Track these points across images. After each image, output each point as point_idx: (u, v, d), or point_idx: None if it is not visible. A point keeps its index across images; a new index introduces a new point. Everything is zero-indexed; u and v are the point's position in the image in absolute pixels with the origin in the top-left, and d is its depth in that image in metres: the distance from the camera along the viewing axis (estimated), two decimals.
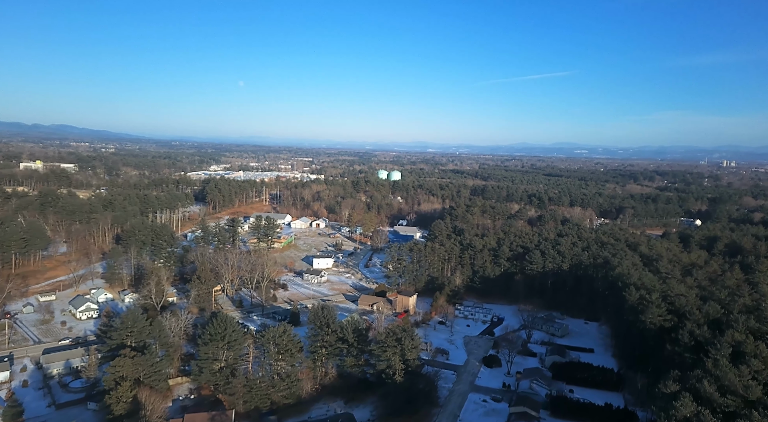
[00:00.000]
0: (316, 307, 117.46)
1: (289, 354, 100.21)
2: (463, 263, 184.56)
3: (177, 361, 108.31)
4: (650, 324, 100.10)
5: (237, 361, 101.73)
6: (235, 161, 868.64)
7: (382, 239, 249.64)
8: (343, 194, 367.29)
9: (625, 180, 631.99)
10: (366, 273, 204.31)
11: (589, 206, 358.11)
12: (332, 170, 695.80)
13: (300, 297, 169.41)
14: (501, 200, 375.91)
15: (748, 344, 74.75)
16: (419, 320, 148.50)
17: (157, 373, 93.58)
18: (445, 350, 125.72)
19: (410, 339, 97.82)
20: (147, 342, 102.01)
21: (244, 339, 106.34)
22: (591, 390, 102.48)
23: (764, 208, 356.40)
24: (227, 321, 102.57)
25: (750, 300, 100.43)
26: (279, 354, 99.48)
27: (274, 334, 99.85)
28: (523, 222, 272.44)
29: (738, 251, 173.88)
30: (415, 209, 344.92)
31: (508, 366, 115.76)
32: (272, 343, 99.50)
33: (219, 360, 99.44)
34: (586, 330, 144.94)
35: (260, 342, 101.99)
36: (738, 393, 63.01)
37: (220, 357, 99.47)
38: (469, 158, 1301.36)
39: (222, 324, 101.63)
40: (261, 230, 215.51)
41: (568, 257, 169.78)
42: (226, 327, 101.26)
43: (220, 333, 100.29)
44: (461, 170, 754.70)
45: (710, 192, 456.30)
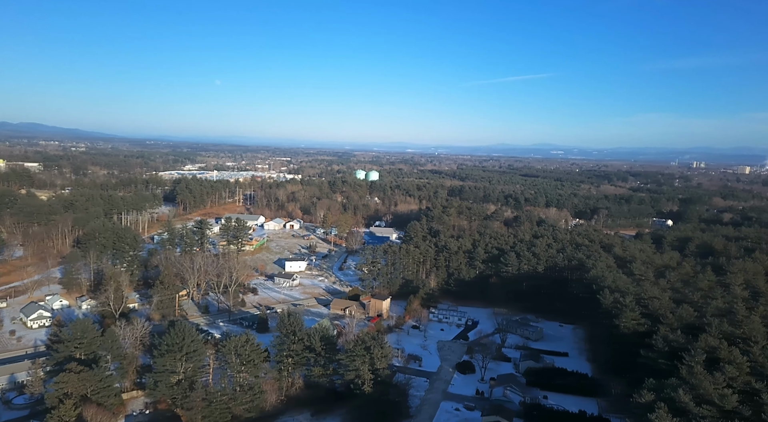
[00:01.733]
0: (283, 314, 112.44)
1: (253, 365, 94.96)
2: (438, 266, 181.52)
3: (132, 374, 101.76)
4: (624, 329, 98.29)
5: (196, 373, 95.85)
6: (211, 160, 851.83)
7: (358, 240, 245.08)
8: (319, 195, 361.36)
9: (599, 181, 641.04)
10: (340, 276, 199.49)
11: (564, 207, 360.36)
12: (310, 170, 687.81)
13: (270, 302, 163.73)
14: (478, 200, 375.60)
15: (723, 349, 72.94)
16: (392, 324, 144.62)
17: (106, 388, 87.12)
18: (418, 356, 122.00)
19: (380, 348, 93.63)
20: (98, 354, 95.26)
21: (205, 349, 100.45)
22: (565, 396, 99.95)
23: (733, 209, 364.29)
24: (186, 330, 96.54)
25: (722, 303, 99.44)
26: (242, 365, 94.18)
27: (236, 344, 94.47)
28: (499, 223, 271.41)
29: (709, 252, 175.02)
30: (392, 210, 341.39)
31: (482, 371, 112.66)
32: (234, 353, 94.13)
33: (176, 372, 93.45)
34: (561, 333, 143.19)
35: (222, 352, 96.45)
36: (714, 403, 60.83)
37: (177, 369, 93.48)
38: (447, 158, 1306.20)
39: (180, 333, 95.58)
40: (231, 232, 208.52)
41: (543, 259, 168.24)
42: (184, 337, 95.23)
43: (178, 344, 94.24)
44: (440, 171, 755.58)
45: (681, 193, 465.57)
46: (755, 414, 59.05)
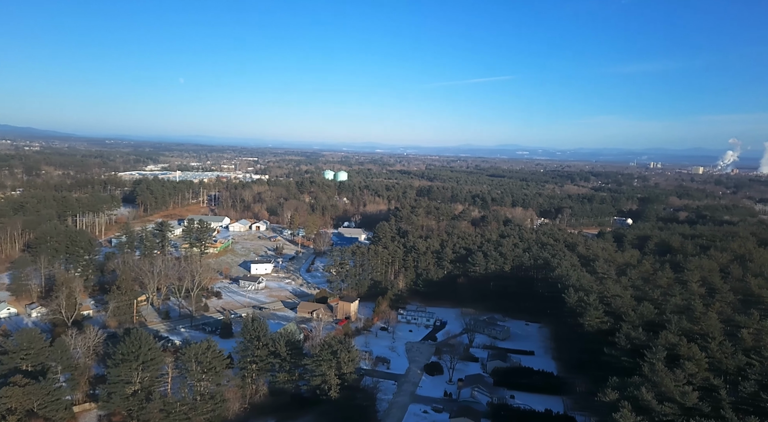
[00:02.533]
0: (247, 318, 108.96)
1: (214, 372, 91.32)
2: (406, 266, 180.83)
3: (84, 385, 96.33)
4: (588, 327, 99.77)
5: (154, 383, 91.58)
6: (175, 160, 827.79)
7: (326, 241, 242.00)
8: (286, 196, 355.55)
9: (563, 181, 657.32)
10: (307, 278, 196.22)
11: (530, 207, 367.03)
12: (277, 170, 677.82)
13: (234, 306, 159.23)
14: (446, 200, 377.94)
15: (682, 346, 74.62)
16: (361, 326, 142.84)
17: (55, 402, 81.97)
18: (386, 358, 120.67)
19: (347, 352, 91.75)
20: (47, 365, 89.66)
21: (164, 357, 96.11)
22: (532, 395, 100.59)
23: (688, 207, 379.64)
24: (142, 337, 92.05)
25: (681, 300, 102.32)
26: (202, 373, 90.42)
27: (197, 351, 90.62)
28: (466, 223, 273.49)
29: (667, 249, 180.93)
30: (361, 210, 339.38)
31: (450, 372, 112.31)
32: (194, 361, 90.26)
33: (132, 382, 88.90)
34: (528, 331, 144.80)
35: (181, 360, 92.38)
36: (675, 400, 61.90)
37: (133, 379, 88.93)
38: (416, 158, 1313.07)
39: (136, 341, 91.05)
40: (194, 234, 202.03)
41: (509, 259, 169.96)
42: (140, 345, 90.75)
43: (134, 352, 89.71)
44: (408, 171, 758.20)
45: (640, 192, 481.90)
46: (714, 410, 60.46)
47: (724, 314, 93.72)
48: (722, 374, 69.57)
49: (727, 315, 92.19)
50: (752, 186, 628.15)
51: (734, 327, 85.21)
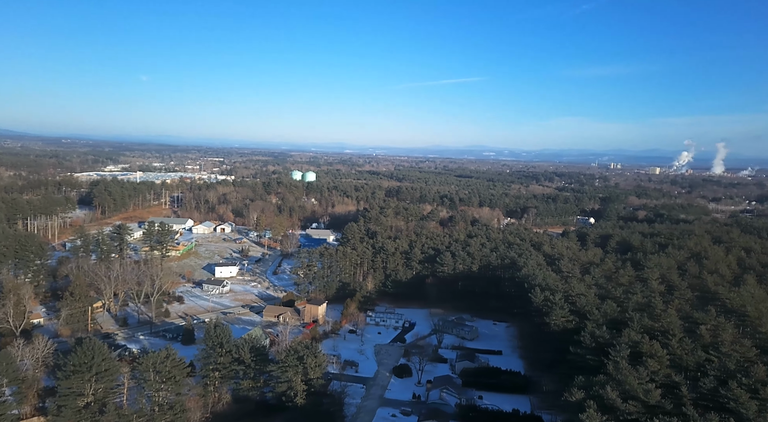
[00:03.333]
0: (209, 324, 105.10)
1: (174, 381, 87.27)
2: (375, 267, 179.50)
3: (33, 398, 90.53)
4: (554, 326, 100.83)
5: (108, 394, 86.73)
6: (136, 160, 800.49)
7: (293, 243, 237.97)
8: (252, 197, 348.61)
9: (528, 181, 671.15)
10: (274, 281, 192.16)
11: (496, 206, 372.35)
12: (244, 171, 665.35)
13: (197, 311, 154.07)
14: (415, 201, 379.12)
15: (644, 344, 76.02)
16: (329, 330, 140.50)
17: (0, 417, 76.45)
18: (354, 361, 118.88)
19: (313, 357, 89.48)
20: None
21: (119, 367, 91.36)
22: (500, 395, 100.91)
23: (647, 206, 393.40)
24: (96, 347, 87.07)
25: (642, 297, 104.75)
26: (161, 383, 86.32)
27: (155, 360, 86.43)
28: (435, 223, 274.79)
29: (628, 248, 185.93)
30: (329, 211, 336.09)
31: (418, 374, 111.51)
32: (152, 370, 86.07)
33: (85, 394, 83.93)
34: (495, 331, 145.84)
35: (138, 369, 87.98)
36: (639, 398, 62.77)
37: (86, 390, 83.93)
38: (385, 159, 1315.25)
39: (89, 351, 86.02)
40: (154, 237, 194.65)
41: (477, 259, 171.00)
42: (94, 355, 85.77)
43: (87, 363, 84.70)
44: (377, 171, 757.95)
45: (601, 192, 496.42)
46: (676, 407, 61.60)
47: (683, 311, 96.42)
48: (683, 370, 71.19)
49: (686, 312, 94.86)
50: (705, 186, 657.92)
51: (693, 324, 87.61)
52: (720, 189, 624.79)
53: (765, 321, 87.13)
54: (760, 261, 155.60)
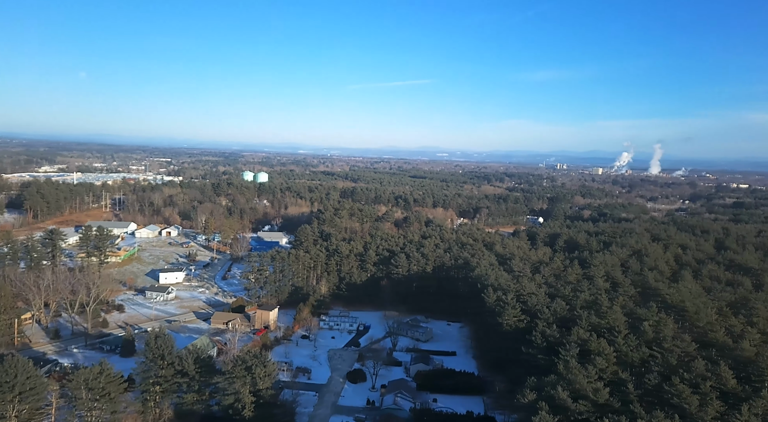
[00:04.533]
0: (150, 335, 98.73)
1: (108, 399, 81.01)
2: (329, 270, 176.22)
3: None
4: (507, 326, 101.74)
5: (33, 416, 79.43)
6: (75, 161, 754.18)
7: (244, 247, 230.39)
8: (200, 199, 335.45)
9: (480, 181, 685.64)
10: (223, 286, 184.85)
11: (450, 207, 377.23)
12: (192, 172, 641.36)
13: (139, 320, 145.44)
14: (370, 202, 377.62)
15: (592, 342, 77.58)
16: (280, 336, 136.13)
17: None
18: (307, 368, 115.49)
19: (262, 366, 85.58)
20: None
21: (47, 385, 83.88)
22: (454, 397, 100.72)
23: (591, 206, 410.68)
24: (19, 365, 79.42)
25: (589, 295, 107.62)
26: (94, 401, 79.86)
27: (88, 376, 79.87)
28: (390, 224, 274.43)
29: (575, 246, 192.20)
30: (282, 213, 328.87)
31: (373, 379, 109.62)
32: (85, 387, 79.50)
33: (6, 416, 76.38)
34: (449, 332, 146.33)
35: (68, 387, 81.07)
36: (588, 397, 63.65)
37: (8, 412, 76.37)
38: (340, 159, 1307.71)
39: (11, 369, 78.34)
40: (91, 242, 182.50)
41: (431, 259, 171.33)
42: (16, 373, 78.24)
43: (9, 382, 77.08)
44: (332, 172, 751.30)
45: (549, 192, 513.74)
46: (624, 404, 62.87)
47: (627, 307, 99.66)
48: (628, 367, 73.12)
49: (630, 309, 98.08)
50: (643, 186, 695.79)
51: (636, 320, 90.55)
52: (657, 189, 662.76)
53: (702, 315, 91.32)
54: (695, 258, 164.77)
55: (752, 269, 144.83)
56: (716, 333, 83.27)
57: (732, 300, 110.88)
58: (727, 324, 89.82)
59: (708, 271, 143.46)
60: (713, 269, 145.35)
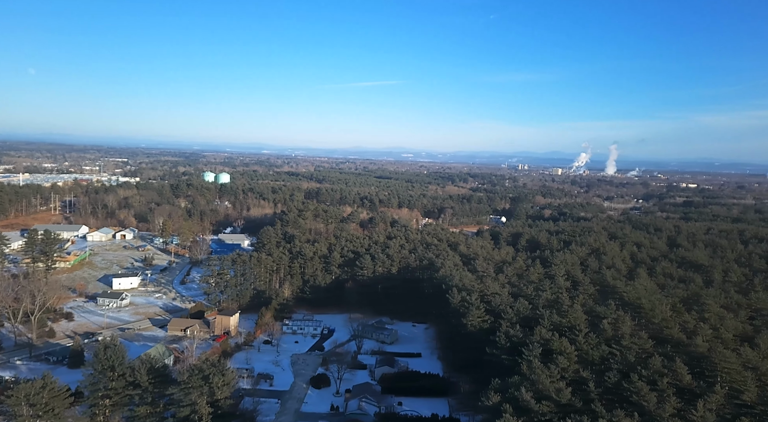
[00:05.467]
0: (99, 345, 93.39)
1: (52, 415, 75.77)
2: (293, 273, 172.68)
3: None
4: (471, 327, 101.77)
5: None
6: (23, 161, 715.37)
7: (204, 250, 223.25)
8: (158, 200, 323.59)
9: (444, 182, 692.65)
10: (182, 291, 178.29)
11: (415, 207, 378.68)
12: (150, 173, 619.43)
13: (90, 329, 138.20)
14: (335, 202, 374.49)
15: (554, 341, 78.26)
16: (242, 341, 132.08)
17: None
18: (269, 374, 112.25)
19: (220, 375, 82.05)
20: None
21: None
22: (419, 400, 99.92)
23: (551, 205, 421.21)
24: None
25: (551, 294, 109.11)
26: (36, 417, 74.46)
27: (29, 390, 74.41)
28: (355, 225, 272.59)
29: (537, 245, 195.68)
30: (244, 214, 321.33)
31: (337, 384, 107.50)
32: (25, 403, 74.01)
33: None
34: (415, 333, 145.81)
35: (7, 403, 75.35)
36: (551, 398, 63.91)
37: None
38: (305, 160, 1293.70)
39: None
40: (37, 247, 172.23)
41: (396, 260, 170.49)
42: None
43: None
44: (297, 173, 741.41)
45: (511, 192, 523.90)
46: (585, 404, 63.46)
47: (587, 305, 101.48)
48: (589, 365, 74.04)
49: (590, 307, 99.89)
50: (600, 185, 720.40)
51: (596, 318, 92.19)
52: (612, 188, 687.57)
53: (657, 312, 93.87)
54: (649, 255, 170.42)
55: (702, 266, 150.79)
56: (671, 329, 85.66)
57: (684, 296, 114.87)
58: (680, 320, 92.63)
59: (662, 268, 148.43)
60: (666, 267, 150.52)
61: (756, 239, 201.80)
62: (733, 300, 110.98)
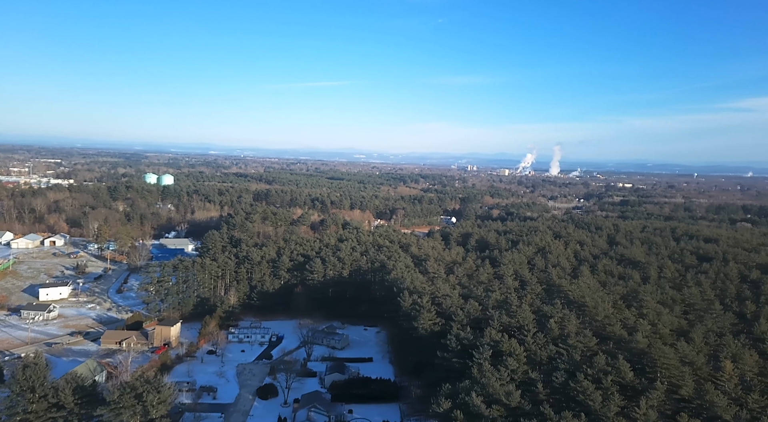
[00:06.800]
0: (18, 364, 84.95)
1: None
2: (239, 279, 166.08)
3: None
4: (422, 330, 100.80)
5: None
6: None
7: (144, 255, 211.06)
8: (93, 204, 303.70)
9: (396, 183, 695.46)
10: (118, 301, 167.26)
11: (367, 208, 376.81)
12: (87, 174, 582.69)
13: (12, 345, 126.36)
14: (285, 204, 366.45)
15: (504, 342, 78.39)
16: (183, 353, 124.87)
17: None
18: (212, 387, 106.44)
19: (155, 392, 76.46)
20: None
21: None
22: (370, 406, 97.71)
23: (499, 205, 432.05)
24: None
25: (500, 295, 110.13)
26: None
27: None
28: (306, 228, 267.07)
29: (486, 245, 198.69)
30: (189, 218, 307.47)
31: (285, 393, 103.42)
32: None
33: None
34: (366, 337, 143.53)
35: None
36: (501, 402, 63.54)
37: None
38: (254, 160, 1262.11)
39: None
40: None
41: (348, 263, 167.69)
42: None
43: None
44: (245, 174, 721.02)
45: (461, 193, 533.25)
46: (534, 406, 63.53)
47: (534, 305, 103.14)
48: (537, 366, 74.66)
49: (537, 306, 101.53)
50: (545, 185, 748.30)
51: (543, 317, 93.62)
52: (556, 188, 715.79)
53: (600, 310, 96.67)
54: (591, 253, 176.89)
55: (639, 263, 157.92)
56: (613, 326, 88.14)
57: (624, 293, 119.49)
58: (621, 317, 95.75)
59: (603, 266, 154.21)
60: (607, 264, 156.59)
61: (686, 235, 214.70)
62: (668, 296, 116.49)
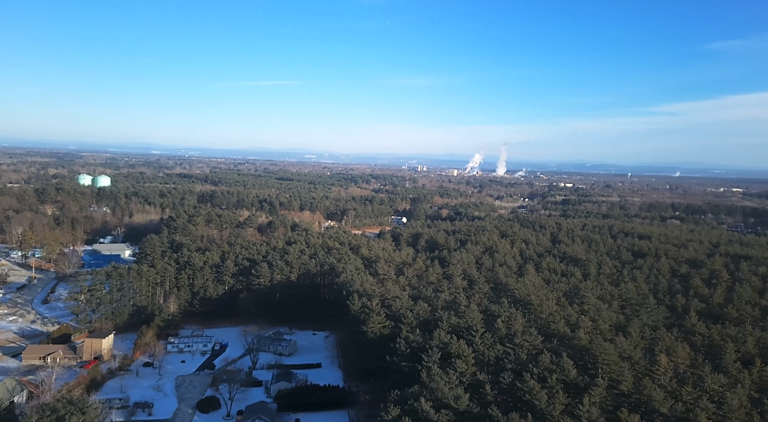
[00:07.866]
0: None
1: None
2: (180, 285, 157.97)
3: None
4: (372, 334, 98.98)
5: None
6: None
7: (74, 263, 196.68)
8: (18, 207, 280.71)
9: (347, 183, 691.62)
10: (44, 312, 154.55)
11: (317, 209, 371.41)
12: (12, 175, 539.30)
13: None
14: (231, 206, 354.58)
15: (453, 344, 77.95)
16: (116, 366, 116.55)
17: None
18: (148, 402, 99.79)
19: (80, 413, 70.10)
20: None
21: None
22: (319, 414, 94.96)
23: (448, 205, 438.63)
24: None
25: (449, 295, 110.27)
26: None
27: None
28: (252, 230, 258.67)
29: (435, 245, 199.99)
30: (126, 221, 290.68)
31: (228, 405, 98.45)
32: None
33: None
34: (315, 342, 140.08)
35: None
36: (450, 406, 62.74)
37: None
38: (200, 161, 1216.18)
39: None
40: None
41: (296, 267, 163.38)
42: None
43: None
44: (190, 175, 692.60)
45: (411, 193, 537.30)
46: (483, 408, 63.17)
47: (483, 304, 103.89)
48: (485, 366, 74.74)
49: (485, 306, 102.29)
50: (492, 185, 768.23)
51: (490, 316, 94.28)
52: (503, 188, 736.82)
53: (544, 307, 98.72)
54: (536, 251, 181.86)
55: (580, 260, 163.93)
56: (557, 323, 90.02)
57: (566, 290, 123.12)
58: (564, 314, 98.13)
59: (546, 264, 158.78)
60: (551, 262, 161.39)
61: (622, 233, 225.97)
62: (607, 291, 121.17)
